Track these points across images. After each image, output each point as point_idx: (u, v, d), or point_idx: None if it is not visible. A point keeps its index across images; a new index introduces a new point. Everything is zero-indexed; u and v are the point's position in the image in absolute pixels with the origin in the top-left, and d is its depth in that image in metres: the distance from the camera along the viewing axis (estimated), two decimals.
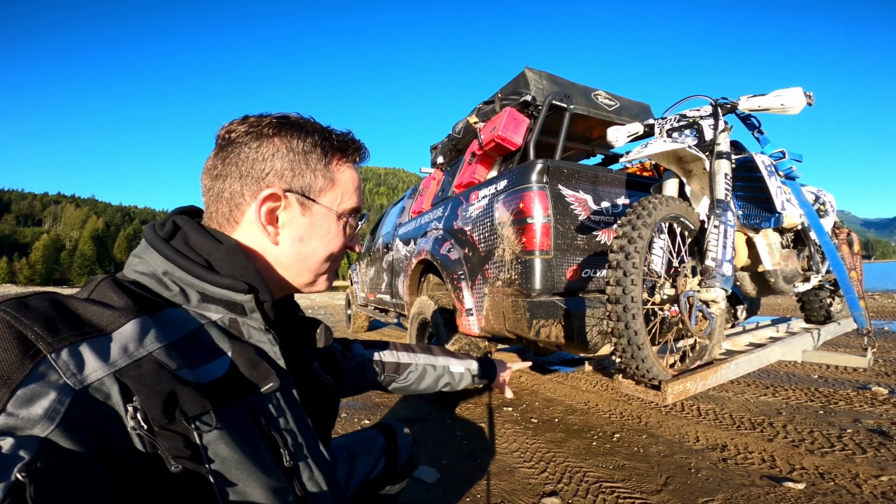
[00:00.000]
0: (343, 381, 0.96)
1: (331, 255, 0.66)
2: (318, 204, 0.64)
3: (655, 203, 1.45)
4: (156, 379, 0.45)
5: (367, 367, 1.02)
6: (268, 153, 0.60)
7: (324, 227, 0.65)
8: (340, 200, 0.66)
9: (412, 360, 1.09)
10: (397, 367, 1.06)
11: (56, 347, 0.41)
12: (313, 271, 0.66)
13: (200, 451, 0.46)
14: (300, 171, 0.61)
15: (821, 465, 1.77)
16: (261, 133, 0.60)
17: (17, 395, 0.37)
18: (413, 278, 3.22)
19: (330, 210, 0.65)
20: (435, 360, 1.12)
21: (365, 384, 1.03)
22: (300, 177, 0.61)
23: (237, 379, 0.53)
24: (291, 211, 0.62)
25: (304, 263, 0.65)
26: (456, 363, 1.14)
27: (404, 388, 1.09)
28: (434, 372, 1.11)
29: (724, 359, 1.74)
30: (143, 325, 0.47)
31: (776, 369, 3.40)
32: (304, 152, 0.62)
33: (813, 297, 2.58)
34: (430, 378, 1.10)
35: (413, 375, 1.08)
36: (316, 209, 0.64)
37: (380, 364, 1.04)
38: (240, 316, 0.57)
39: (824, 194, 2.36)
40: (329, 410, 0.74)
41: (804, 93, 1.53)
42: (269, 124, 0.61)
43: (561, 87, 2.54)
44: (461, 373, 1.14)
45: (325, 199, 0.64)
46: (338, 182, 0.65)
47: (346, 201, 0.67)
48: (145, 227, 0.60)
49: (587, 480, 1.73)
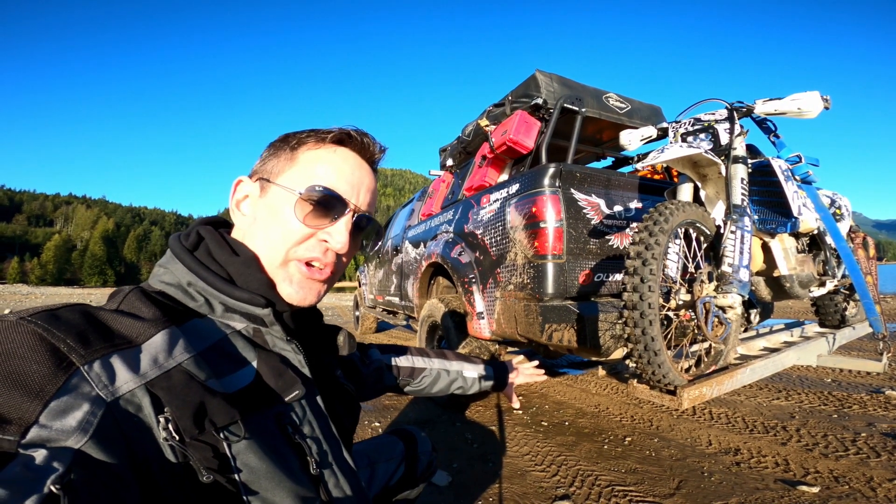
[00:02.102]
0: (362, 386, 0.97)
1: (286, 237, 0.60)
2: (273, 184, 0.61)
3: (672, 209, 1.45)
4: (186, 390, 0.45)
5: (385, 372, 1.04)
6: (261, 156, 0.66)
7: (278, 209, 0.60)
8: (301, 180, 0.60)
9: (427, 364, 1.11)
10: (412, 371, 1.08)
11: (88, 359, 0.41)
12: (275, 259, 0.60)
13: (230, 460, 0.47)
14: (267, 159, 0.64)
15: (835, 469, 1.75)
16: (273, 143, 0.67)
17: (50, 406, 0.37)
18: (423, 281, 3.23)
19: (290, 190, 0.60)
20: (449, 364, 1.14)
21: (381, 388, 1.05)
22: (264, 162, 0.64)
23: (263, 388, 0.53)
24: (253, 194, 0.64)
25: (267, 249, 0.60)
26: (469, 368, 1.16)
27: (418, 391, 1.12)
28: (448, 376, 1.13)
29: (740, 363, 1.73)
30: (171, 336, 0.48)
31: (789, 373, 3.37)
32: (278, 144, 0.65)
33: (828, 301, 2.55)
34: (443, 382, 1.12)
35: (427, 380, 1.10)
36: (272, 189, 0.61)
37: (396, 369, 1.06)
38: (262, 326, 0.58)
39: (840, 198, 2.34)
40: (351, 417, 0.74)
41: (821, 96, 1.52)
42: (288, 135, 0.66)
43: (572, 89, 2.53)
44: (474, 378, 1.16)
45: (282, 178, 0.61)
46: (298, 161, 0.62)
47: (306, 180, 0.60)
48: (171, 238, 0.61)
49: (599, 484, 1.73)
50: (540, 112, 2.50)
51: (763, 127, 1.82)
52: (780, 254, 1.90)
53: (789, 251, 1.91)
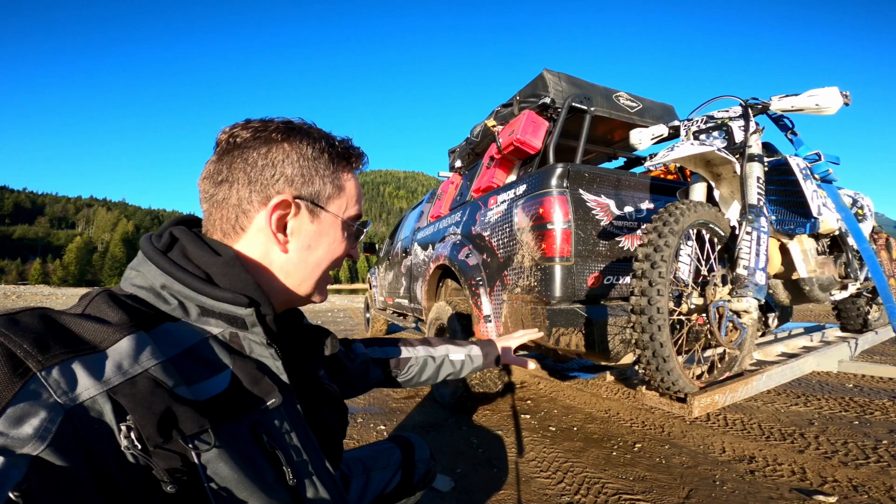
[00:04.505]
0: (348, 381, 0.96)
1: (334, 262, 0.67)
2: (326, 211, 0.63)
3: (683, 209, 1.40)
4: (151, 397, 0.44)
5: (370, 365, 1.02)
6: (277, 158, 0.59)
7: (331, 235, 0.65)
8: (346, 208, 0.66)
9: (412, 353, 1.10)
10: (398, 362, 1.08)
11: (46, 365, 0.40)
12: (316, 279, 0.65)
13: (199, 470, 0.45)
14: (310, 178, 0.61)
15: (854, 478, 1.69)
16: (269, 138, 0.59)
17: (6, 413, 0.37)
18: (431, 283, 3.21)
19: (336, 217, 0.65)
20: (434, 351, 1.13)
21: (369, 383, 1.03)
22: (310, 184, 0.61)
23: (238, 395, 0.52)
24: (301, 218, 0.61)
25: (309, 271, 0.64)
26: (455, 351, 1.15)
27: (407, 381, 1.10)
28: (434, 363, 1.12)
29: (755, 370, 1.67)
30: (139, 341, 0.46)
31: (808, 378, 3.27)
32: (314, 158, 0.61)
33: (850, 304, 2.47)
34: (430, 369, 1.11)
35: (414, 369, 1.09)
36: (324, 217, 0.63)
37: (381, 362, 1.05)
38: (241, 330, 0.56)
39: (862, 198, 2.26)
40: (339, 419, 0.72)
41: (840, 92, 1.46)
42: (277, 129, 0.60)
43: (581, 88, 2.49)
44: (461, 360, 1.15)
45: (333, 206, 0.64)
46: (345, 189, 0.65)
47: (350, 209, 0.67)
48: (141, 239, 0.58)
49: (606, 492, 1.68)
50: (548, 112, 2.46)
51: (780, 124, 1.75)
52: (799, 255, 1.84)
53: (808, 253, 1.84)
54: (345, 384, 0.93)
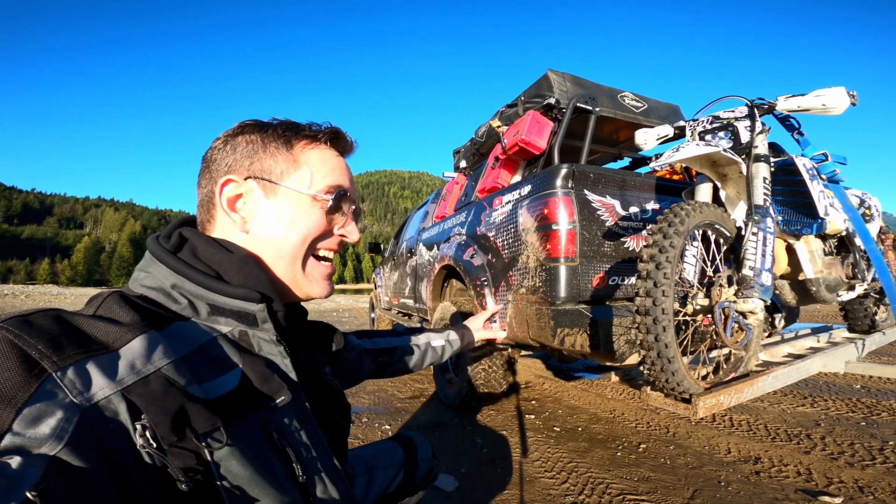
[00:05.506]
0: (345, 374, 0.98)
1: (307, 237, 0.63)
2: (281, 186, 0.62)
3: (688, 209, 1.40)
4: (164, 396, 0.44)
5: (363, 356, 1.05)
6: (229, 149, 0.62)
7: (294, 209, 0.63)
8: (311, 181, 0.63)
9: (399, 343, 1.16)
10: (386, 350, 1.12)
11: (61, 366, 0.40)
12: (292, 257, 0.63)
13: (212, 467, 0.46)
14: (258, 158, 0.62)
15: (860, 479, 1.69)
16: (227, 137, 0.63)
17: (22, 414, 0.37)
18: (436, 283, 3.21)
19: (298, 191, 0.63)
20: (417, 339, 1.20)
21: (361, 374, 1.06)
22: (258, 162, 0.62)
23: (248, 393, 0.52)
24: (254, 196, 0.62)
25: (279, 250, 0.62)
26: (436, 337, 1.25)
27: (396, 369, 1.15)
28: (418, 350, 1.19)
29: (761, 371, 1.66)
30: (150, 340, 0.47)
31: (815, 379, 3.25)
32: (263, 141, 0.63)
33: (857, 305, 2.45)
34: (416, 356, 1.18)
35: (401, 357, 1.15)
36: (281, 191, 0.62)
37: (371, 352, 1.08)
38: (250, 327, 0.57)
39: (869, 198, 2.24)
40: (342, 414, 0.73)
41: (847, 92, 1.45)
42: (236, 127, 0.64)
43: (585, 88, 2.48)
44: (442, 345, 1.24)
45: (290, 180, 0.63)
46: (302, 162, 0.64)
47: (319, 181, 0.64)
48: (148, 240, 0.59)
49: (610, 493, 1.68)
50: (552, 112, 2.45)
51: (786, 124, 1.74)
52: (806, 256, 1.83)
53: (815, 253, 1.83)
54: (341, 376, 0.95)
